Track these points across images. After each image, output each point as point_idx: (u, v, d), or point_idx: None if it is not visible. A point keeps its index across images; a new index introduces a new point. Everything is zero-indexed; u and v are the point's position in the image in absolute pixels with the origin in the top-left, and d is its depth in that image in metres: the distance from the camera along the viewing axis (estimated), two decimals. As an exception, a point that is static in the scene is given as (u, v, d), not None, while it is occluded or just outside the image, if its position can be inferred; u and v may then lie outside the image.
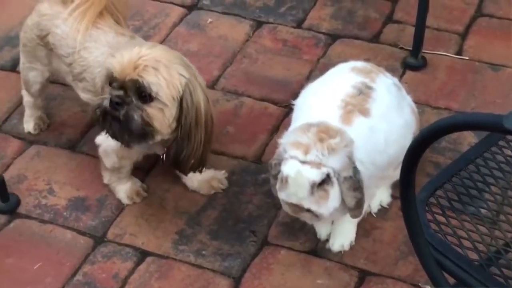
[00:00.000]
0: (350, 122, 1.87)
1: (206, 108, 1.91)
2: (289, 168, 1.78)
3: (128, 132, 1.88)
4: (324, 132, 1.79)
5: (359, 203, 1.83)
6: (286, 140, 1.83)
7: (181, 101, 1.88)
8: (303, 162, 1.76)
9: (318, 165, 1.76)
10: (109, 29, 2.09)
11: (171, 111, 1.87)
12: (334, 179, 1.78)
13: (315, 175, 1.76)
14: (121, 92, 1.86)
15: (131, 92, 1.86)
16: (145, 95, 1.85)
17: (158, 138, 1.92)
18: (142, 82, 1.84)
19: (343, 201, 1.82)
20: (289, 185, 1.79)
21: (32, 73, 2.26)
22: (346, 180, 1.78)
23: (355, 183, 1.79)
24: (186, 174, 2.07)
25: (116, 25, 2.13)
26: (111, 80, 1.88)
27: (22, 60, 2.28)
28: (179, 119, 1.89)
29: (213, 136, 2.00)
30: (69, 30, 2.09)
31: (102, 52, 2.05)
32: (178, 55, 1.95)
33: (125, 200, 2.16)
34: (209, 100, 1.94)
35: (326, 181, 1.78)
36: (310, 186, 1.76)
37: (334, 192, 1.80)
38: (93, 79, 2.06)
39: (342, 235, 2.03)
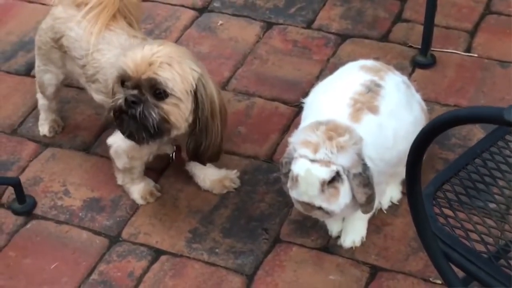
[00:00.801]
0: (359, 120, 1.89)
1: (219, 98, 1.96)
2: (299, 167, 1.81)
3: (146, 129, 1.91)
4: (333, 130, 1.81)
5: (370, 198, 1.85)
6: (295, 139, 1.86)
7: (195, 95, 1.91)
8: (313, 161, 1.79)
9: (327, 163, 1.78)
10: (122, 31, 2.13)
11: (187, 105, 1.91)
12: (344, 176, 1.80)
13: (325, 173, 1.78)
14: (135, 91, 1.89)
15: (146, 89, 1.89)
16: (160, 92, 1.89)
17: (175, 133, 1.95)
18: (159, 79, 1.87)
19: (353, 197, 1.85)
20: (299, 184, 1.82)
21: (47, 76, 2.30)
22: (356, 176, 1.81)
23: (364, 179, 1.82)
24: (205, 164, 2.10)
25: (129, 28, 2.17)
26: (124, 79, 1.91)
27: (37, 63, 2.32)
28: (194, 112, 1.93)
29: (227, 124, 2.04)
30: (82, 32, 2.13)
31: (115, 54, 2.09)
32: (187, 50, 1.99)
33: (139, 201, 2.19)
34: (219, 90, 1.99)
35: (336, 178, 1.80)
36: (320, 184, 1.79)
37: (344, 189, 1.82)
38: (105, 80, 2.10)
39: (353, 232, 2.05)
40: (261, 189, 2.22)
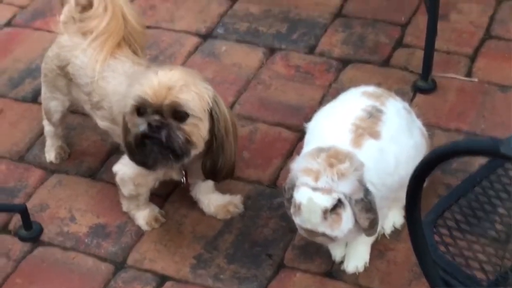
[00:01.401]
0: (360, 145, 1.92)
1: (230, 115, 2.02)
2: (301, 195, 1.83)
3: (173, 152, 1.94)
4: (333, 157, 1.83)
5: (373, 223, 1.87)
6: (297, 166, 1.88)
7: (210, 113, 1.96)
8: (314, 189, 1.81)
9: (328, 191, 1.80)
10: (126, 58, 2.16)
11: (205, 124, 1.96)
12: (346, 202, 1.83)
13: (326, 201, 1.80)
14: (157, 116, 1.92)
15: (167, 113, 1.92)
16: (181, 114, 1.93)
17: (193, 153, 1.98)
18: (181, 102, 1.91)
19: (356, 222, 1.87)
20: (302, 212, 1.84)
21: (53, 103, 2.33)
22: (358, 202, 1.83)
23: (367, 205, 1.84)
24: (219, 181, 2.14)
25: (133, 55, 2.20)
26: (143, 107, 1.93)
27: (43, 90, 2.35)
28: (210, 130, 1.97)
29: (237, 140, 2.08)
30: (88, 60, 2.17)
31: (120, 81, 2.12)
32: (196, 72, 2.04)
33: (144, 227, 2.21)
34: (229, 108, 2.08)
35: (338, 205, 1.82)
36: (322, 212, 1.81)
37: (347, 215, 1.85)
38: (110, 107, 2.13)
39: (356, 257, 2.07)
40: (265, 214, 2.24)
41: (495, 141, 1.07)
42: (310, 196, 1.81)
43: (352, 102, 2.07)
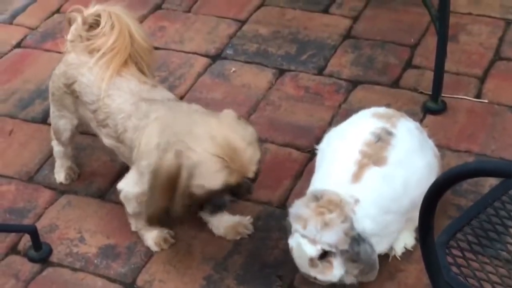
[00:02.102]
0: (360, 178, 1.93)
1: None
2: (292, 240, 1.90)
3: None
4: (324, 207, 1.86)
5: (363, 272, 1.90)
6: (293, 210, 1.91)
7: None
8: (303, 236, 1.86)
9: (313, 241, 1.84)
10: (132, 77, 2.17)
11: None
12: (334, 250, 1.85)
13: (311, 250, 1.85)
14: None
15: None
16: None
17: None
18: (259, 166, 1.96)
19: None
20: (293, 256, 1.91)
21: (62, 121, 2.34)
22: (343, 253, 1.85)
23: (352, 256, 1.86)
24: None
25: (139, 74, 2.20)
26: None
27: (51, 109, 2.36)
28: None
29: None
30: (94, 78, 2.17)
31: (125, 99, 2.13)
32: (232, 114, 2.03)
33: (153, 247, 2.21)
34: None
35: (328, 253, 1.85)
36: (309, 260, 1.86)
37: (337, 263, 1.88)
38: (115, 125, 2.13)
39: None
40: (275, 235, 2.23)
41: (508, 164, 1.07)
42: (299, 243, 1.87)
43: (362, 125, 2.07)
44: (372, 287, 2.07)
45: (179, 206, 1.92)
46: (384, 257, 2.12)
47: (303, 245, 1.84)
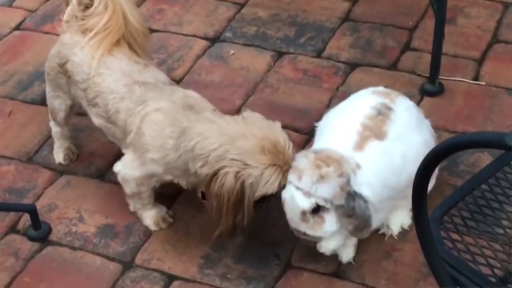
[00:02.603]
0: (363, 148, 1.93)
1: None
2: (285, 192, 1.88)
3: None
4: (321, 160, 1.85)
5: (357, 228, 1.88)
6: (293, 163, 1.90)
7: None
8: (297, 188, 1.84)
9: (307, 194, 1.83)
10: (123, 55, 2.18)
11: None
12: (329, 206, 1.84)
13: (305, 203, 1.83)
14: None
15: None
16: None
17: None
18: None
19: None
20: (286, 209, 1.89)
21: (57, 101, 2.35)
22: (339, 208, 1.84)
23: (348, 211, 1.84)
24: None
25: (131, 53, 2.21)
26: None
27: (47, 89, 2.37)
28: None
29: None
30: (84, 57, 2.18)
31: (115, 78, 2.14)
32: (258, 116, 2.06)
33: (152, 227, 2.23)
34: None
35: (321, 208, 1.84)
36: (301, 213, 1.84)
37: (330, 218, 1.87)
38: (105, 105, 2.14)
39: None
40: (272, 215, 2.24)
41: (500, 134, 1.08)
42: (293, 195, 1.84)
43: (362, 100, 2.09)
44: (369, 266, 2.09)
45: (248, 217, 1.99)
46: (381, 236, 2.14)
47: (297, 197, 1.83)
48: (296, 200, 1.84)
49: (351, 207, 1.83)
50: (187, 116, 2.02)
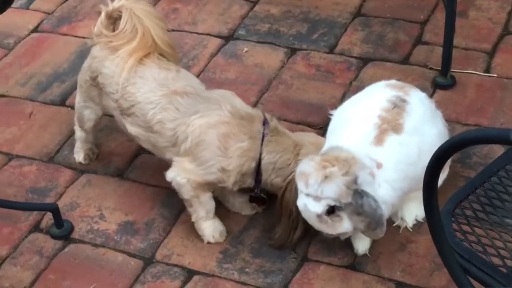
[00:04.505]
0: (382, 143, 1.97)
1: None
2: (299, 201, 1.93)
3: None
4: (327, 161, 1.89)
5: (369, 227, 1.91)
6: (298, 168, 1.95)
7: None
8: (307, 195, 1.89)
9: (316, 197, 1.87)
10: (152, 63, 2.22)
11: None
12: (339, 204, 1.88)
13: (317, 208, 1.88)
14: None
15: None
16: None
17: None
18: None
19: None
20: (304, 217, 1.95)
21: (87, 111, 2.39)
22: (347, 206, 1.88)
23: (357, 209, 1.87)
24: None
25: (159, 60, 2.24)
26: None
27: (77, 99, 2.41)
28: None
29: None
30: (115, 68, 2.23)
31: (151, 88, 2.18)
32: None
33: (209, 238, 2.21)
34: None
35: (336, 207, 1.88)
36: (317, 217, 1.89)
37: (346, 215, 1.91)
38: (144, 115, 2.18)
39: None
40: (289, 210, 2.29)
41: (506, 130, 1.12)
42: (305, 203, 1.90)
43: (378, 93, 2.12)
44: (384, 258, 2.13)
45: (302, 227, 2.11)
46: (395, 229, 2.18)
47: (308, 204, 1.88)
48: (308, 207, 1.89)
49: (360, 205, 1.86)
50: (246, 127, 2.12)
